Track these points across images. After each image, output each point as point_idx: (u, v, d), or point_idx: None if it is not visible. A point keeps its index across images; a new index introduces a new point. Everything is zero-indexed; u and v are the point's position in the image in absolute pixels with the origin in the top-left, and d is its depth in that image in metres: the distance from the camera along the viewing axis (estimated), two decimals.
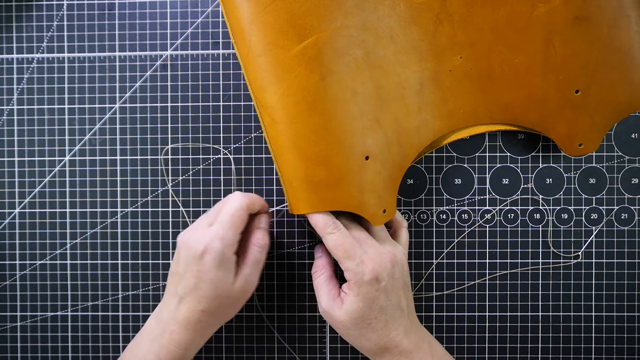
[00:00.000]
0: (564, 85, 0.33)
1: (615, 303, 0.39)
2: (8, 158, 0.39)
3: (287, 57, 0.30)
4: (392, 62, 0.32)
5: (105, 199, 0.39)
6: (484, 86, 0.34)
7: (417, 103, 0.33)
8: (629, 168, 0.38)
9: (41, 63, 0.39)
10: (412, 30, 0.32)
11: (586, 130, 0.34)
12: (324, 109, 0.31)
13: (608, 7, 0.31)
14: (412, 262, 0.39)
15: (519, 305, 0.39)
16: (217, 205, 0.33)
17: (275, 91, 0.31)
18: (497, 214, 0.39)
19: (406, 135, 0.33)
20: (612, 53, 0.32)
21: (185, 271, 0.31)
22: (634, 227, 0.38)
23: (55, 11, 0.39)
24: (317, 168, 0.31)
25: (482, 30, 0.33)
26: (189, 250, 0.31)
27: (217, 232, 0.30)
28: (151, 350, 0.31)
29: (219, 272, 0.30)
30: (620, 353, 0.39)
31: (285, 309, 0.39)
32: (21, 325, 0.40)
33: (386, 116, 0.32)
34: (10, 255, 0.39)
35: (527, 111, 0.34)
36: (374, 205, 0.33)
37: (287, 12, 0.30)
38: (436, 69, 0.33)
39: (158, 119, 0.39)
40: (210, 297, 0.30)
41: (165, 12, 0.39)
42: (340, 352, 0.39)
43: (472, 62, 0.33)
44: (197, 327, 0.31)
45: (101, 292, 0.39)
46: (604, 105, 0.33)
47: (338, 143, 0.31)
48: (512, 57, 0.33)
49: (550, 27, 0.32)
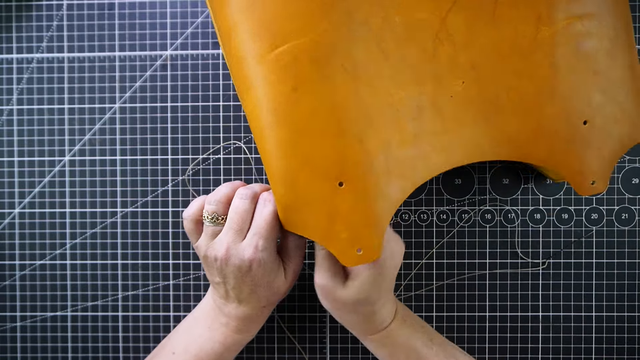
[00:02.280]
0: (572, 116, 0.30)
1: (615, 303, 0.39)
2: (8, 158, 0.39)
3: (261, 63, 0.28)
4: (384, 79, 0.29)
5: (105, 199, 0.39)
6: (488, 115, 0.30)
7: (413, 130, 0.30)
8: (629, 168, 0.38)
9: (41, 63, 0.39)
10: (409, 47, 0.29)
11: (596, 165, 0.31)
12: (293, 123, 0.28)
13: (606, 37, 0.30)
14: (412, 262, 0.39)
15: (519, 305, 0.39)
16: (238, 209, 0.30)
17: (250, 99, 0.29)
18: (497, 214, 0.39)
19: (399, 165, 0.29)
20: (612, 83, 0.30)
21: (236, 282, 0.30)
22: (634, 227, 0.38)
23: (55, 11, 0.39)
24: (282, 187, 0.29)
25: (484, 52, 0.30)
26: (234, 267, 0.30)
27: (257, 243, 0.29)
28: (214, 338, 0.33)
29: (269, 277, 0.31)
30: (621, 353, 0.39)
31: (286, 309, 0.39)
32: (21, 326, 0.40)
33: (373, 139, 0.28)
34: (10, 255, 0.39)
35: (536, 145, 0.31)
36: (345, 240, 0.28)
37: (264, 15, 0.28)
38: (436, 94, 0.30)
39: (158, 118, 0.39)
40: (268, 295, 0.32)
41: (165, 12, 0.39)
42: (340, 352, 0.39)
43: (476, 87, 0.30)
44: (259, 318, 0.33)
45: (101, 292, 0.39)
46: (610, 138, 0.31)
47: (306, 162, 0.28)
48: (518, 83, 0.30)
49: (555, 51, 0.30)
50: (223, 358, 0.33)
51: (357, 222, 0.28)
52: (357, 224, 0.28)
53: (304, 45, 0.28)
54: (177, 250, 0.39)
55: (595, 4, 0.30)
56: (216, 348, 0.32)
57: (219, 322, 0.33)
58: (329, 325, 0.39)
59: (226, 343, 0.33)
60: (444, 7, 0.29)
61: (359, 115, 0.28)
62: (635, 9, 0.38)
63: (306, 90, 0.28)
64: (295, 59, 0.28)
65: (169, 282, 0.39)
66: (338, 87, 0.28)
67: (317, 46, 0.28)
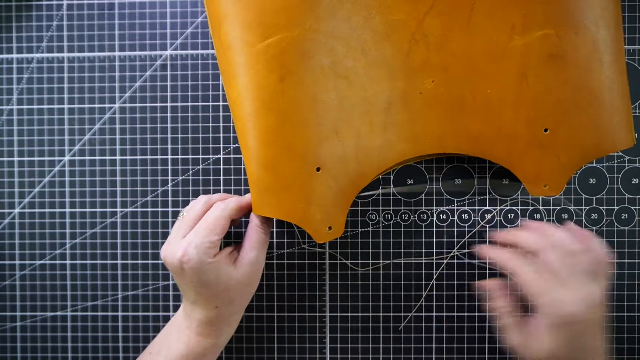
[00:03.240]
0: (534, 122, 0.32)
1: (615, 303, 0.38)
2: (8, 158, 0.39)
3: (249, 52, 0.30)
4: (360, 75, 0.31)
5: (105, 199, 0.39)
6: (453, 113, 0.32)
7: (383, 121, 0.32)
8: (629, 168, 0.38)
9: (41, 63, 0.39)
10: (386, 46, 0.32)
11: (552, 170, 0.32)
12: (279, 111, 0.30)
13: (583, 49, 0.31)
14: (411, 262, 0.39)
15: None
16: (191, 209, 0.32)
17: (235, 86, 0.30)
18: (497, 214, 0.39)
19: (366, 153, 0.32)
20: (583, 94, 0.31)
21: (180, 283, 0.31)
22: (634, 227, 0.38)
23: (55, 11, 0.39)
24: (263, 171, 0.31)
25: (457, 55, 0.32)
26: (170, 266, 0.31)
27: (190, 241, 0.30)
28: (180, 339, 0.32)
29: (207, 276, 0.30)
30: (621, 353, 0.39)
31: (285, 309, 0.39)
32: (21, 325, 0.40)
33: (347, 129, 0.31)
34: (9, 255, 0.39)
35: (495, 145, 0.33)
36: (320, 220, 0.31)
37: (257, 7, 0.29)
38: (406, 90, 0.32)
39: (158, 118, 0.39)
40: (216, 293, 0.31)
41: (165, 12, 0.39)
42: (340, 352, 0.39)
43: (444, 87, 0.32)
44: (218, 320, 0.32)
45: (101, 292, 0.39)
46: (571, 147, 0.32)
47: (288, 149, 0.30)
48: (484, 86, 0.32)
49: (525, 61, 0.31)
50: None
51: (329, 203, 0.31)
52: (329, 205, 0.32)
53: (291, 38, 0.30)
54: None
55: (574, 17, 0.30)
56: (182, 350, 0.32)
57: (185, 324, 0.33)
58: (328, 325, 0.39)
59: (190, 345, 0.32)
60: (421, 10, 0.31)
61: (335, 107, 0.31)
62: (635, 9, 0.38)
63: (292, 81, 0.30)
64: (283, 50, 0.30)
65: (168, 282, 0.39)
66: (320, 80, 0.30)
67: (304, 40, 0.30)
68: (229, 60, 0.30)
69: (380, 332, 0.39)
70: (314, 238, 0.32)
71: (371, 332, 0.39)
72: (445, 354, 0.39)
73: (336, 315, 0.39)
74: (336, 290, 0.39)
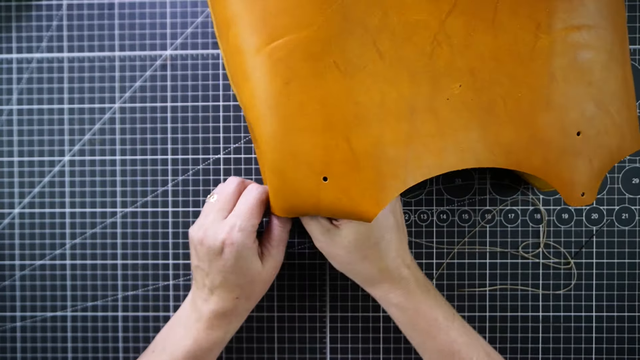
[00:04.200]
0: (567, 126, 0.30)
1: (615, 303, 0.39)
2: (7, 158, 0.39)
3: (258, 55, 0.29)
4: (378, 79, 0.29)
5: (105, 199, 0.39)
6: (484, 121, 0.30)
7: (407, 131, 0.29)
8: (629, 168, 0.38)
9: (41, 63, 0.39)
10: (406, 47, 0.29)
11: (587, 176, 0.31)
12: (284, 116, 0.29)
13: (603, 49, 0.30)
14: None
15: (519, 305, 0.39)
16: (224, 191, 0.32)
17: (244, 91, 0.30)
18: (497, 214, 0.39)
19: (389, 164, 0.29)
20: (605, 95, 0.30)
21: (210, 267, 0.31)
22: (634, 227, 0.38)
23: (55, 11, 0.39)
24: (272, 176, 0.30)
25: (483, 57, 0.30)
26: (207, 248, 0.30)
27: (234, 223, 0.30)
28: (188, 335, 0.32)
29: (243, 262, 0.30)
30: (621, 353, 0.39)
31: (286, 309, 0.39)
32: (21, 326, 0.40)
33: (361, 137, 0.29)
34: (9, 255, 0.39)
35: (530, 154, 0.30)
36: None
37: (262, 9, 0.28)
38: (432, 96, 0.30)
39: (158, 118, 0.39)
40: (242, 284, 0.31)
41: (165, 12, 0.39)
42: (340, 353, 0.39)
43: (472, 91, 0.30)
44: (233, 313, 0.32)
45: (101, 292, 0.39)
46: (601, 150, 0.31)
47: (293, 156, 0.29)
48: (515, 90, 0.30)
49: (553, 61, 0.30)
50: (197, 357, 0.32)
51: (340, 216, 0.30)
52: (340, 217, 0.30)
53: (298, 40, 0.28)
54: (177, 250, 0.39)
55: (593, 16, 0.30)
56: (189, 346, 0.32)
57: (193, 319, 0.32)
58: (329, 325, 0.39)
59: (199, 340, 0.32)
60: (443, 9, 0.30)
61: (347, 113, 0.29)
62: (636, 9, 0.38)
63: (298, 85, 0.28)
64: (289, 53, 0.28)
65: (168, 282, 0.39)
66: (329, 84, 0.28)
67: (312, 42, 0.28)
68: (239, 65, 0.30)
69: (380, 332, 0.39)
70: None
71: (371, 332, 0.39)
72: None
73: (336, 315, 0.39)
74: (336, 290, 0.39)
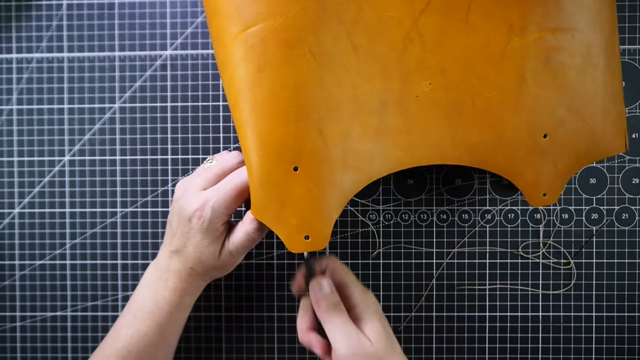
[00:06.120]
0: (534, 128, 0.31)
1: (615, 303, 0.39)
2: (7, 158, 0.39)
3: (233, 43, 0.28)
4: (351, 72, 0.29)
5: (105, 199, 0.39)
6: (452, 120, 0.30)
7: (376, 125, 0.30)
8: (629, 168, 0.38)
9: (40, 63, 0.39)
10: (379, 43, 0.30)
11: (550, 178, 0.31)
12: (256, 103, 0.28)
13: (578, 52, 0.30)
14: (411, 262, 0.39)
15: (519, 305, 0.39)
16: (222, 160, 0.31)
17: (226, 77, 0.29)
18: (497, 214, 0.39)
19: (356, 157, 0.29)
20: (578, 99, 0.30)
21: (177, 228, 0.31)
22: (634, 227, 0.38)
23: (55, 11, 0.39)
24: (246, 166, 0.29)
25: (454, 57, 0.30)
26: (179, 208, 0.30)
27: (209, 199, 0.29)
28: (148, 296, 0.32)
29: (203, 239, 0.30)
30: (621, 353, 0.39)
31: (286, 309, 0.39)
32: (21, 326, 0.40)
33: (333, 129, 0.29)
34: (9, 255, 0.39)
35: (496, 154, 0.31)
36: (294, 226, 0.29)
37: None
38: (402, 92, 0.30)
39: (158, 118, 0.39)
40: (196, 260, 0.31)
41: (165, 12, 0.39)
42: None
43: (442, 90, 0.30)
44: (188, 279, 0.32)
45: (101, 292, 0.39)
46: (568, 153, 0.31)
47: (262, 143, 0.28)
48: (484, 90, 0.30)
49: (524, 63, 0.30)
50: (155, 317, 0.32)
51: (306, 209, 0.29)
52: (307, 211, 0.29)
53: (272, 27, 0.28)
54: None
55: (570, 19, 0.30)
56: (149, 307, 0.32)
57: (154, 278, 0.32)
58: None
59: (157, 302, 0.31)
60: (417, 8, 0.30)
61: (320, 104, 0.29)
62: (636, 9, 0.38)
63: (270, 72, 0.28)
64: (263, 40, 0.28)
65: None
66: (303, 72, 0.28)
67: (286, 29, 0.28)
68: (219, 52, 0.30)
69: None
70: (286, 245, 0.29)
71: None
72: (445, 354, 0.39)
73: None
74: None
